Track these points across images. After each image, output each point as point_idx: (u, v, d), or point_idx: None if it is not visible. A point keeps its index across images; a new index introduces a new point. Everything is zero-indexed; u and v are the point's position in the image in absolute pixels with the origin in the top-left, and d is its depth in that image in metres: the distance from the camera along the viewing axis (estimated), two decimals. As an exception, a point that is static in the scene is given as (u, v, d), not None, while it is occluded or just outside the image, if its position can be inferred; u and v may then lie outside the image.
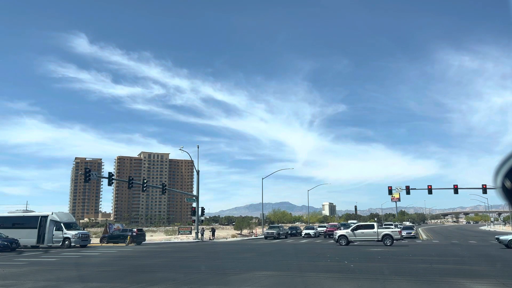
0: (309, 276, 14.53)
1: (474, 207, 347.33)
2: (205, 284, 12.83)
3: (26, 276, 15.39)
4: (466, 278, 13.43)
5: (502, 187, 2.33)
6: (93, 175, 40.67)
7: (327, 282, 13.01)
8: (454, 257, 22.84)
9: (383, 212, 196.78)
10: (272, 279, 13.90)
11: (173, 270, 16.86)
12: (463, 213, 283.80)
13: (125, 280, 13.85)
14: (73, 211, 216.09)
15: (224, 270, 16.75)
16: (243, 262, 20.74)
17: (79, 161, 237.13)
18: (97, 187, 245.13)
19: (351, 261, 19.42)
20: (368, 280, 13.32)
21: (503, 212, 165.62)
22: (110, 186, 43.44)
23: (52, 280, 14.21)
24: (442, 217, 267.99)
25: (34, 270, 17.37)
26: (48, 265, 19.52)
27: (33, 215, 38.17)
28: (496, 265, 17.68)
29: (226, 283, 13.02)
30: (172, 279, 13.81)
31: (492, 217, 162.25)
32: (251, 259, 22.25)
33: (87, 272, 16.51)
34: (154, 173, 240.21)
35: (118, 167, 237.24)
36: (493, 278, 13.42)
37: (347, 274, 14.90)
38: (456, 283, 12.39)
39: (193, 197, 53.39)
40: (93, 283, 13.54)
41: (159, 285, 12.63)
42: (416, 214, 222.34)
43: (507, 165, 2.25)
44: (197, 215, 49.07)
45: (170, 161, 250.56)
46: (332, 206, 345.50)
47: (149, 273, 15.83)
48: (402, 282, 12.58)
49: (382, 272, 15.51)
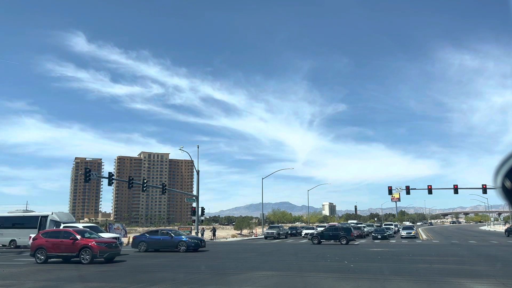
0: (309, 276, 14.53)
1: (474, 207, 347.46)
2: (205, 284, 12.83)
3: (26, 276, 15.40)
4: (466, 278, 13.44)
5: (502, 187, 2.32)
6: (93, 175, 40.67)
7: (327, 282, 13.01)
8: (454, 257, 22.84)
9: (383, 212, 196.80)
10: (272, 279, 13.90)
11: (173, 270, 16.86)
12: (463, 213, 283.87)
13: (125, 280, 13.85)
14: (73, 211, 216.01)
15: (224, 270, 16.75)
16: (243, 262, 20.74)
17: (79, 161, 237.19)
18: (97, 187, 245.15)
19: (351, 261, 19.42)
20: (368, 280, 13.32)
21: (503, 212, 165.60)
22: (110, 186, 43.41)
23: (52, 280, 14.22)
24: (442, 217, 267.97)
25: (34, 270, 17.37)
26: (48, 265, 19.49)
27: (33, 215, 38.14)
28: (496, 265, 17.68)
29: (226, 283, 13.02)
30: (172, 279, 13.81)
31: (492, 217, 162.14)
32: (251, 259, 22.24)
33: (87, 272, 16.50)
34: (154, 173, 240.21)
35: (118, 167, 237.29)
36: (493, 278, 13.42)
37: (347, 274, 14.90)
38: (456, 283, 12.39)
39: (193, 197, 53.39)
40: (93, 283, 13.55)
41: (159, 285, 12.63)
42: (416, 214, 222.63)
43: (507, 165, 2.24)
44: (197, 215, 49.07)
45: (170, 161, 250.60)
46: (332, 206, 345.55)
47: (149, 273, 15.83)
48: (402, 282, 12.58)
49: (382, 272, 15.52)
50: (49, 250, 20.34)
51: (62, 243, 20.30)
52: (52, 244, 20.45)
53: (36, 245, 20.73)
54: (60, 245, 20.38)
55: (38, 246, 20.63)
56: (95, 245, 19.77)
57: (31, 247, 21.09)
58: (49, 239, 20.69)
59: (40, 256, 20.36)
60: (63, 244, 20.31)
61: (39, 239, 21.01)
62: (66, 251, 20.23)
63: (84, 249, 19.75)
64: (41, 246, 20.54)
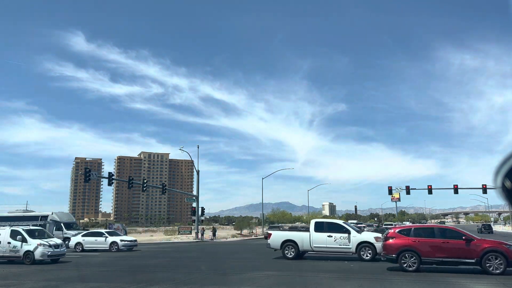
0: (309, 276, 14.54)
1: (474, 207, 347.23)
2: (205, 284, 12.84)
3: (26, 276, 15.41)
4: (466, 278, 13.44)
5: (502, 187, 2.33)
6: (93, 175, 40.72)
7: (327, 282, 13.02)
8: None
9: (383, 212, 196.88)
10: (272, 279, 13.91)
11: (173, 270, 16.86)
12: (463, 213, 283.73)
13: (125, 280, 13.86)
14: (73, 211, 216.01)
15: (224, 270, 16.76)
16: (243, 262, 20.76)
17: (79, 161, 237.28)
18: (97, 187, 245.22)
19: (351, 261, 19.42)
20: (369, 280, 13.33)
21: (503, 212, 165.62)
22: (110, 186, 43.52)
23: (52, 280, 14.22)
24: (442, 217, 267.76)
25: (34, 270, 17.38)
26: (48, 265, 19.51)
27: (33, 215, 38.24)
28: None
29: (226, 283, 13.02)
30: (172, 279, 13.82)
31: (492, 217, 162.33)
32: (251, 259, 22.26)
33: (87, 272, 16.51)
34: (154, 173, 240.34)
35: (118, 167, 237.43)
36: (493, 278, 13.42)
37: (347, 274, 14.90)
38: (456, 283, 12.39)
39: (193, 197, 53.42)
40: (93, 283, 13.55)
41: (159, 285, 12.63)
42: (416, 214, 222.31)
43: (507, 165, 2.25)
44: (197, 215, 49.11)
45: (170, 161, 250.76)
46: (332, 206, 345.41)
47: (149, 273, 15.83)
48: (402, 282, 12.58)
49: (382, 272, 15.52)
50: None
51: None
52: None
53: None
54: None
55: None
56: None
57: None
58: None
59: None
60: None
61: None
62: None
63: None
64: None
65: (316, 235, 20.28)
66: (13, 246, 20.58)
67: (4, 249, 20.81)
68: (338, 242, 19.70)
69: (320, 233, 20.22)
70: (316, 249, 20.41)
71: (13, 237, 20.73)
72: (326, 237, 19.94)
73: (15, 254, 20.55)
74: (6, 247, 20.76)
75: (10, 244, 20.67)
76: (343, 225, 20.80)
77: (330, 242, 19.85)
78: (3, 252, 20.83)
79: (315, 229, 20.51)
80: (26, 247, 20.33)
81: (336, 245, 19.75)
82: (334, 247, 19.87)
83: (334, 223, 21.93)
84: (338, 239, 19.70)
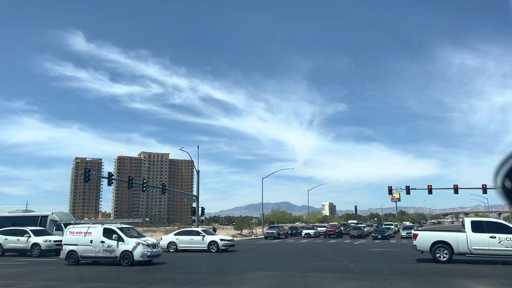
0: (309, 276, 14.54)
1: (474, 207, 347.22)
2: (205, 284, 12.83)
3: (26, 276, 15.40)
4: (466, 278, 13.44)
5: (502, 187, 2.33)
6: (93, 175, 40.70)
7: (327, 282, 13.02)
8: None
9: (383, 212, 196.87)
10: (272, 279, 13.91)
11: (173, 270, 16.86)
12: (463, 213, 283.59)
13: (125, 280, 13.86)
14: (73, 211, 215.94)
15: (224, 270, 16.77)
16: (243, 262, 20.76)
17: (79, 161, 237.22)
18: (97, 187, 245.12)
19: (351, 261, 19.43)
20: (369, 280, 13.32)
21: (503, 212, 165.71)
22: (110, 186, 43.48)
23: (52, 280, 14.22)
24: (442, 217, 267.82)
25: (34, 270, 17.38)
26: (48, 265, 19.52)
27: (33, 215, 38.18)
28: (496, 265, 17.68)
29: (226, 283, 13.02)
30: (172, 279, 13.82)
31: (492, 217, 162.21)
32: (251, 259, 22.27)
33: (87, 272, 16.51)
34: (154, 173, 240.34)
35: (118, 167, 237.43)
36: (493, 278, 13.43)
37: (347, 274, 14.91)
38: (456, 283, 12.39)
39: (193, 197, 53.41)
40: (93, 283, 13.55)
41: (158, 285, 12.63)
42: (416, 214, 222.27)
43: (507, 165, 2.25)
44: (197, 215, 49.10)
45: (170, 161, 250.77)
46: (332, 206, 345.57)
47: (149, 273, 15.83)
48: (402, 282, 12.58)
49: (382, 272, 15.52)
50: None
51: None
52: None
53: None
54: None
55: None
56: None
57: None
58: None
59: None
60: None
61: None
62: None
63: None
64: None
65: (475, 236, 18.01)
66: (108, 245, 18.60)
67: (97, 249, 18.80)
68: (504, 244, 17.35)
69: (479, 234, 17.93)
70: (476, 251, 18.03)
71: (107, 235, 18.81)
72: (488, 238, 17.67)
73: (110, 255, 18.58)
74: (99, 246, 18.75)
75: (103, 243, 18.70)
76: (508, 225, 18.43)
77: (493, 244, 17.55)
78: (96, 252, 18.83)
79: (472, 229, 18.21)
80: (124, 247, 18.32)
81: (502, 248, 17.39)
82: (500, 250, 17.47)
83: (497, 222, 19.87)
84: (504, 241, 17.39)
